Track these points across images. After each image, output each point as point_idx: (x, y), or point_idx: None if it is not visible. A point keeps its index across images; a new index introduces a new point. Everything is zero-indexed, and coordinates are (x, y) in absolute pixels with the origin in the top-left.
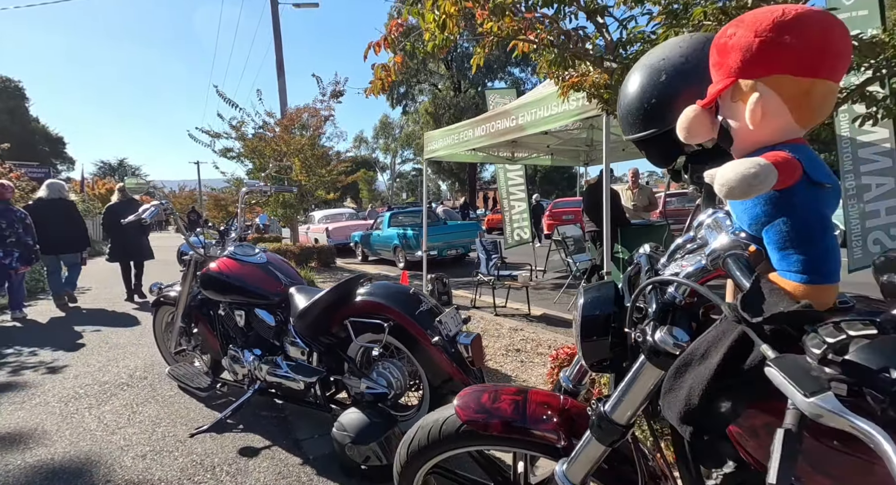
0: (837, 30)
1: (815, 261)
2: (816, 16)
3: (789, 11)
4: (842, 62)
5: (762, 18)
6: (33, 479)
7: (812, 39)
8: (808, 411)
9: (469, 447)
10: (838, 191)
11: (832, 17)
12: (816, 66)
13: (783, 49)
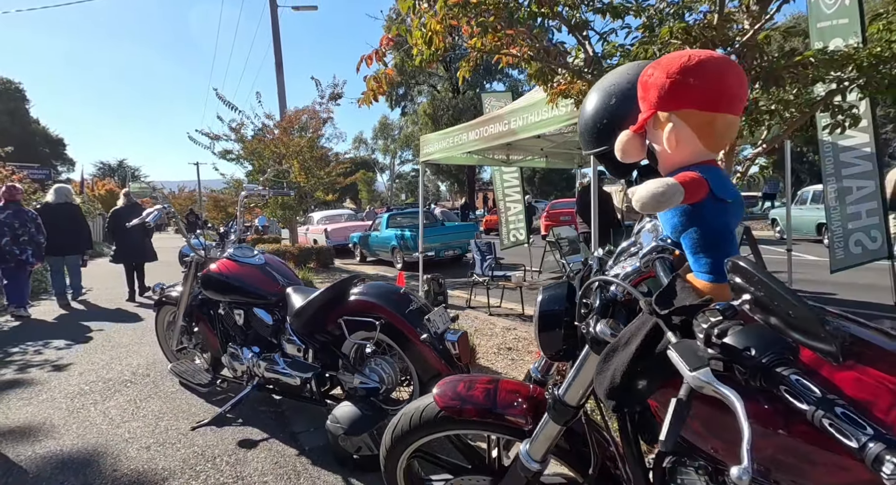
0: (733, 73)
1: (719, 264)
2: (715, 62)
3: (694, 57)
4: (737, 100)
5: (673, 62)
6: (44, 468)
7: (711, 81)
8: (692, 383)
9: (446, 432)
10: (740, 204)
11: (729, 62)
12: (716, 102)
13: (688, 88)
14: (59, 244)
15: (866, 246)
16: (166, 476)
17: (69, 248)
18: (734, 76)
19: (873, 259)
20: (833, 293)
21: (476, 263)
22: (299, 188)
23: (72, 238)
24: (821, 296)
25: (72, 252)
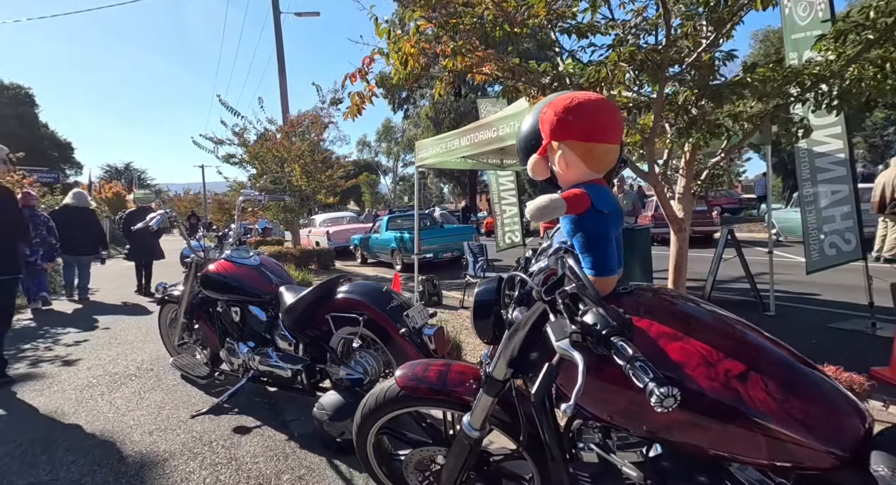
0: (605, 111)
1: (598, 262)
2: (592, 102)
3: (575, 99)
4: (611, 132)
5: (560, 103)
6: (55, 451)
7: (587, 118)
8: (558, 350)
9: (406, 408)
10: (619, 215)
11: (603, 102)
12: (592, 134)
13: (569, 124)
14: (75, 245)
15: (840, 248)
16: (167, 457)
17: (84, 248)
18: (607, 113)
19: (848, 261)
20: (817, 294)
21: (469, 264)
22: (300, 191)
23: (87, 240)
24: (803, 296)
25: (86, 253)
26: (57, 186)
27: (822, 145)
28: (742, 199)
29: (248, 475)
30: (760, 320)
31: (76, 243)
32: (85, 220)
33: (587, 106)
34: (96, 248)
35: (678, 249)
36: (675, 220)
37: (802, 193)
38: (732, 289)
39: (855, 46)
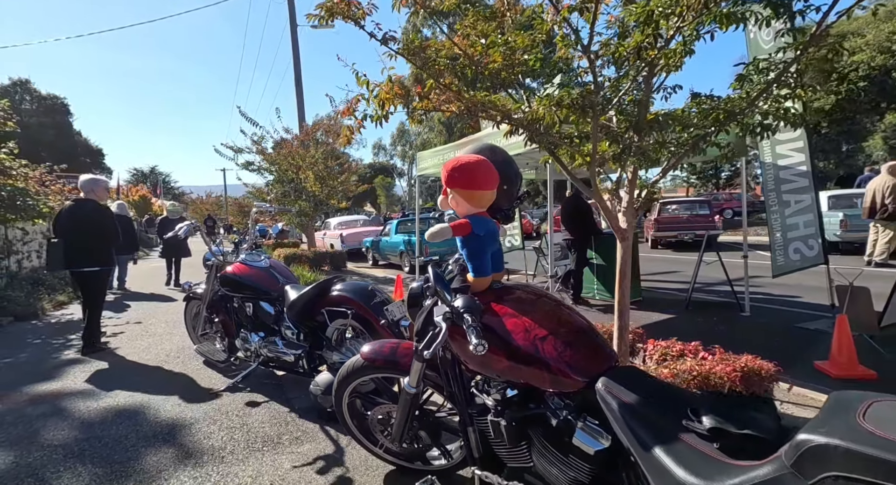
0: (481, 169)
1: (476, 268)
2: (471, 163)
3: (460, 161)
4: (485, 183)
5: (450, 164)
6: (105, 417)
7: (466, 175)
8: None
9: (368, 375)
10: (493, 235)
11: (480, 161)
12: (470, 185)
13: (455, 178)
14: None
15: (804, 253)
16: (193, 422)
17: (123, 249)
18: (482, 170)
19: (812, 265)
20: (797, 296)
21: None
22: (314, 196)
23: (125, 242)
24: (780, 298)
25: (124, 253)
26: None
27: (784, 158)
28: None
29: (256, 436)
30: (735, 320)
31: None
32: (124, 226)
33: (467, 166)
34: (132, 250)
35: (623, 255)
36: (619, 230)
37: (768, 202)
38: (716, 291)
39: (759, 86)
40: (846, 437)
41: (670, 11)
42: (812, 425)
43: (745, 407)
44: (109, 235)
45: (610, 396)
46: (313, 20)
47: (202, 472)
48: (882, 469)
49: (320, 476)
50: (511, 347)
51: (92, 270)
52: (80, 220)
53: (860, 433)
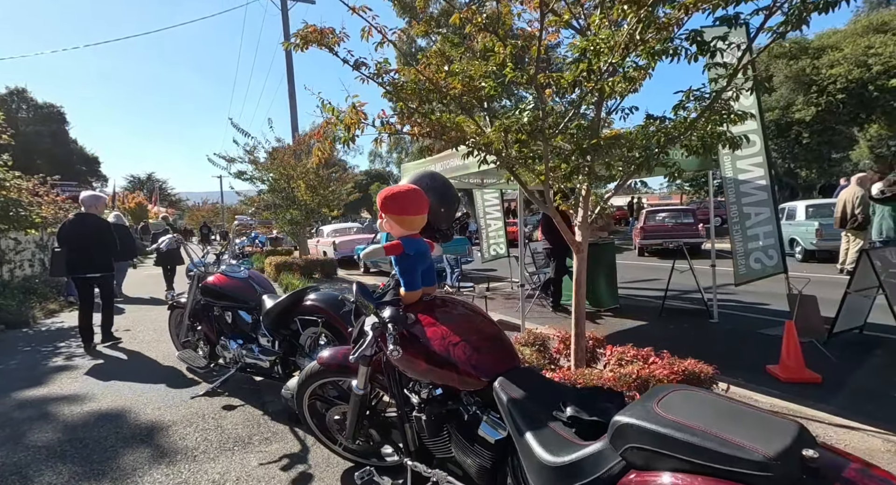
0: (409, 196)
1: (407, 283)
2: (401, 192)
3: (392, 190)
4: (413, 209)
5: (384, 192)
6: (88, 420)
7: (398, 203)
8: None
9: (324, 379)
10: (422, 254)
11: (409, 190)
12: (401, 212)
13: (388, 206)
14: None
15: (764, 263)
16: (170, 424)
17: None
18: (411, 198)
19: (772, 274)
20: (765, 303)
21: (447, 275)
22: (305, 205)
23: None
24: (749, 305)
25: (122, 259)
26: None
27: (745, 173)
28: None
29: (229, 437)
30: (704, 327)
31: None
32: (121, 235)
33: (398, 195)
34: (130, 256)
35: (578, 267)
36: (574, 244)
37: (729, 214)
38: (690, 299)
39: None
40: (640, 417)
41: (601, 50)
42: (624, 410)
43: (602, 399)
44: (109, 245)
45: (503, 392)
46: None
47: (174, 470)
48: (659, 439)
49: (283, 473)
50: (429, 352)
51: (94, 276)
52: (83, 232)
53: (650, 415)
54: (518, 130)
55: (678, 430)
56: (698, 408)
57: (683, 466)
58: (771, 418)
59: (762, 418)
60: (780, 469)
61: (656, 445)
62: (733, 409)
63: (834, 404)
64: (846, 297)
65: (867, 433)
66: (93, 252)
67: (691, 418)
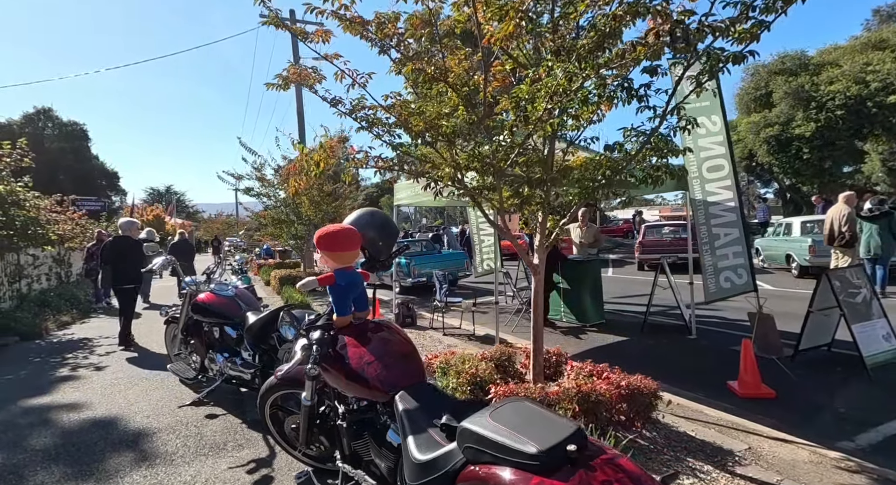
0: (341, 235)
1: (338, 309)
2: (333, 232)
3: (328, 229)
4: (345, 246)
5: (319, 232)
6: (82, 426)
7: (330, 240)
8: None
9: (281, 391)
10: (355, 285)
11: (341, 230)
12: (333, 248)
13: (322, 243)
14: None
15: (734, 282)
16: (155, 431)
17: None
18: (342, 237)
19: (742, 292)
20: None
21: (437, 290)
22: (309, 220)
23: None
24: (728, 321)
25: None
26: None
27: (714, 195)
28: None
29: (206, 443)
30: (681, 343)
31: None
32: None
33: (331, 234)
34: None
35: (535, 288)
36: (532, 266)
37: (699, 234)
38: (674, 314)
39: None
40: (473, 423)
41: (534, 98)
42: (467, 418)
43: (472, 409)
44: (139, 263)
45: (400, 404)
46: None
47: (152, 472)
48: (482, 440)
49: (248, 475)
50: (348, 369)
51: (128, 287)
52: (120, 251)
53: (481, 421)
54: (466, 166)
55: (493, 432)
56: (516, 415)
57: (496, 460)
58: (559, 422)
59: (553, 421)
60: (546, 458)
61: (480, 444)
62: (538, 415)
63: (778, 418)
64: (809, 315)
65: (797, 446)
66: (128, 268)
67: (506, 424)
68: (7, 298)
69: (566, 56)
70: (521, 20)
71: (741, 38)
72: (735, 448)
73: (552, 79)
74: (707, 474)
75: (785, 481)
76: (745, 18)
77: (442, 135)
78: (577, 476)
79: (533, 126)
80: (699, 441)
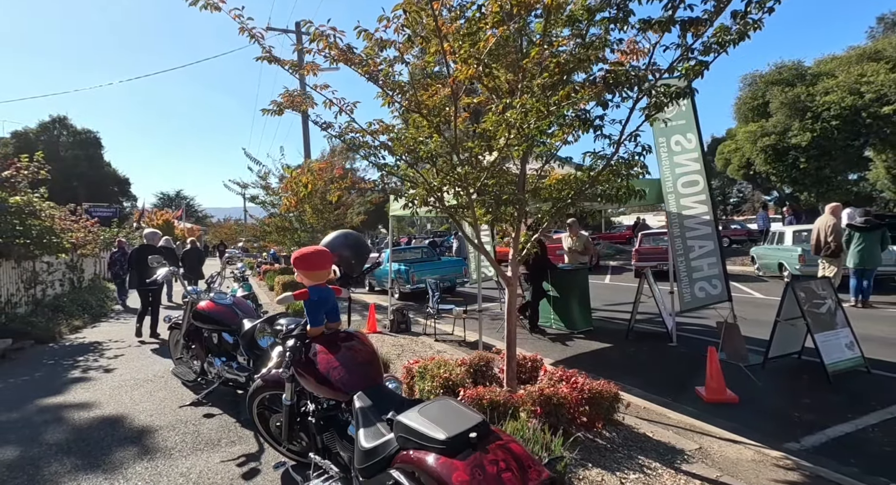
0: (314, 256)
1: (311, 321)
2: (307, 254)
3: (302, 252)
4: (318, 266)
5: (296, 254)
6: (92, 423)
7: (305, 262)
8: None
9: (265, 392)
10: (326, 300)
11: (314, 252)
12: (307, 268)
13: (298, 264)
14: None
15: (708, 292)
16: (157, 429)
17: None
18: (316, 258)
19: (716, 302)
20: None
21: (429, 298)
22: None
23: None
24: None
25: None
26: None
27: (689, 209)
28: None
29: (202, 440)
30: (661, 350)
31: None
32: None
33: (305, 256)
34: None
35: (509, 299)
36: (506, 278)
37: (674, 246)
38: (657, 322)
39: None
40: (404, 417)
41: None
42: (402, 413)
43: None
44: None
45: (357, 402)
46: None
47: (153, 464)
48: (408, 429)
49: (238, 468)
50: (317, 373)
51: (151, 288)
52: (141, 258)
53: (411, 414)
54: (439, 188)
55: (418, 423)
56: (439, 410)
57: (419, 446)
58: (469, 415)
59: (464, 414)
60: (452, 443)
61: (408, 433)
62: (455, 410)
63: (737, 421)
64: (776, 325)
65: (745, 446)
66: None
67: (429, 417)
68: (23, 304)
69: (523, 93)
70: (479, 65)
71: (686, 75)
72: (686, 448)
73: (513, 113)
74: (654, 471)
75: (724, 477)
76: (686, 59)
77: (420, 158)
78: (472, 457)
79: (498, 152)
80: (654, 441)
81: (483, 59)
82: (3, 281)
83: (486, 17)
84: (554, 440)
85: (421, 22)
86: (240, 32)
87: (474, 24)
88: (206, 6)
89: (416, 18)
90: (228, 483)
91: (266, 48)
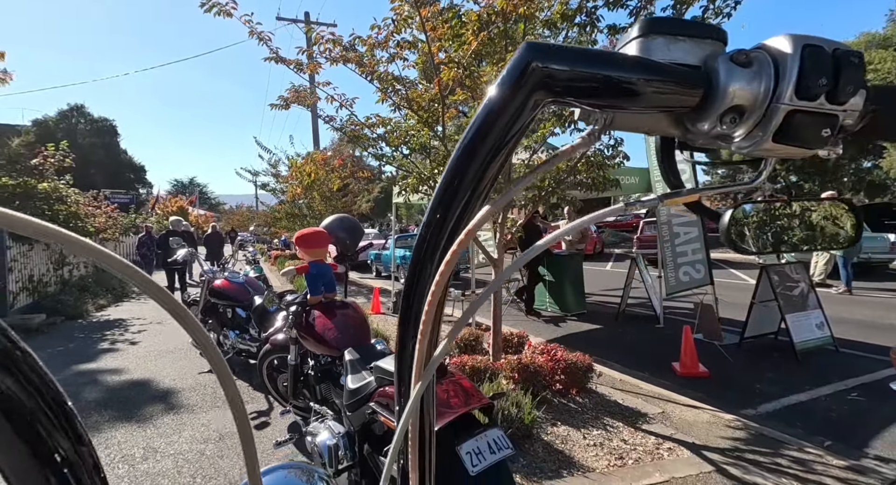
0: (313, 236)
1: (311, 291)
2: (307, 234)
3: (302, 232)
4: (315, 244)
5: (298, 234)
6: (123, 385)
7: (304, 241)
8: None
9: (274, 355)
10: (323, 273)
11: (314, 232)
12: (306, 246)
13: (299, 242)
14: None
15: (692, 276)
16: (181, 390)
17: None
18: (313, 238)
19: (699, 285)
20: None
21: None
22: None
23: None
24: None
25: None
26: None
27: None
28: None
29: (219, 399)
30: (648, 331)
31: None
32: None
33: (305, 235)
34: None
35: (495, 277)
36: (492, 261)
37: (660, 233)
38: (649, 306)
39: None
40: (381, 362)
41: None
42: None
43: None
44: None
45: (347, 356)
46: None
47: (178, 416)
48: (382, 371)
49: (251, 421)
50: (315, 333)
51: (174, 267)
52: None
53: (386, 360)
54: (430, 177)
55: (389, 365)
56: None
57: (390, 383)
58: None
59: None
60: None
61: (382, 374)
62: None
63: (701, 391)
64: (752, 306)
65: (703, 411)
66: (172, 253)
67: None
68: (52, 283)
69: None
70: (459, 68)
71: None
72: (650, 412)
73: None
74: (615, 429)
75: (677, 434)
76: None
77: (413, 149)
78: None
79: None
80: (623, 407)
81: (463, 63)
82: (35, 262)
83: (467, 25)
84: (526, 399)
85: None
86: (249, 36)
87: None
88: (220, 12)
89: (405, 26)
90: None
91: (273, 50)
